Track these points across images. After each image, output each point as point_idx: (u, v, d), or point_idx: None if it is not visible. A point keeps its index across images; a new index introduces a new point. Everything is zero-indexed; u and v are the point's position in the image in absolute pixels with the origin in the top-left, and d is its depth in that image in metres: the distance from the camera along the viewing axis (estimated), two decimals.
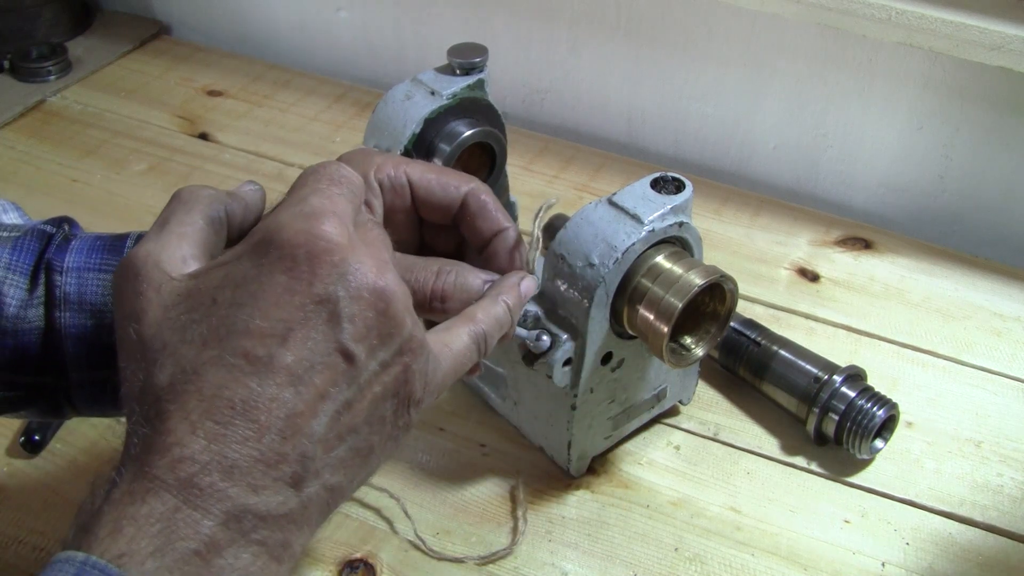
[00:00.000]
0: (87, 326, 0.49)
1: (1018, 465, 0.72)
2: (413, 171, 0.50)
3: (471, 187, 0.51)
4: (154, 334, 0.38)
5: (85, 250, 0.51)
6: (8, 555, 0.64)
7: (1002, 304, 0.86)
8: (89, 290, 0.49)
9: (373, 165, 0.50)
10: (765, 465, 0.72)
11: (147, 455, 0.36)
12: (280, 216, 0.39)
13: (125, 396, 0.39)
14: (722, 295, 0.63)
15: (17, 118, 1.07)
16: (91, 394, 0.51)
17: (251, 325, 0.37)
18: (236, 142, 1.04)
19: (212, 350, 0.37)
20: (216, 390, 0.36)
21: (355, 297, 0.38)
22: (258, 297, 0.37)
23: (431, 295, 0.46)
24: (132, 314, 0.39)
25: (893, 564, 0.65)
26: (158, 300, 0.39)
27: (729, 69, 0.98)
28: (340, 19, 1.16)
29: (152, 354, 0.38)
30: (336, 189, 0.41)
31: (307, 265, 0.38)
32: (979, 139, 0.91)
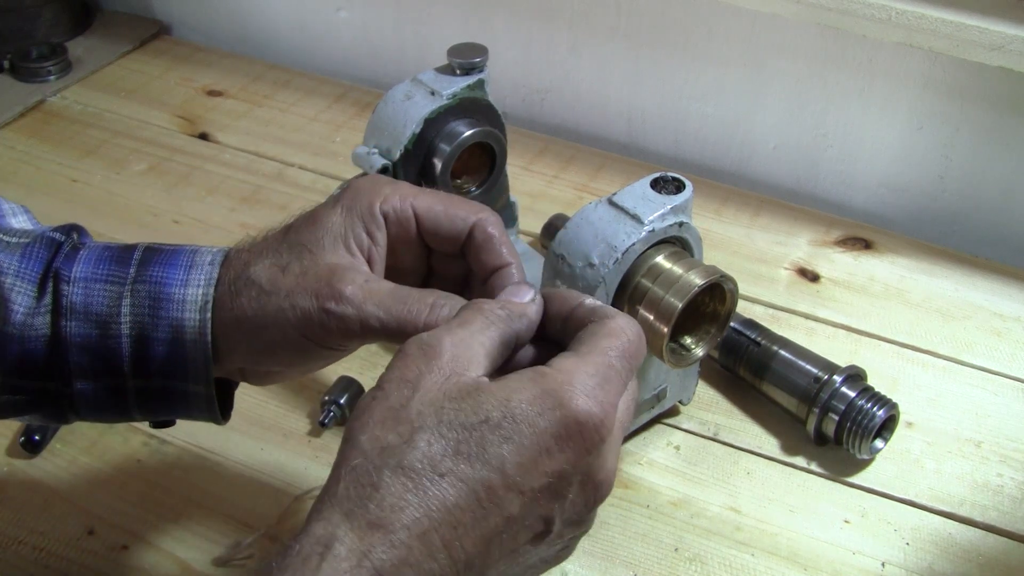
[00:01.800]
0: (92, 335, 0.50)
1: (1018, 465, 0.72)
2: (420, 203, 0.51)
3: (478, 218, 0.51)
4: (421, 412, 0.40)
5: (93, 260, 0.51)
6: (8, 555, 0.64)
7: (1002, 304, 0.86)
8: (95, 301, 0.50)
9: (380, 196, 0.51)
10: (765, 465, 0.72)
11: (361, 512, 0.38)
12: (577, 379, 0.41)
13: (352, 436, 0.41)
14: (722, 295, 0.63)
15: (17, 118, 1.07)
16: (94, 402, 0.51)
17: (505, 466, 0.39)
18: (236, 142, 1.04)
19: (462, 463, 0.39)
20: (447, 505, 0.39)
21: (586, 485, 0.42)
22: (523, 446, 0.40)
23: (423, 327, 0.46)
24: (412, 381, 0.41)
25: (893, 564, 0.65)
26: (441, 385, 0.41)
27: (729, 69, 0.98)
28: (340, 19, 1.16)
29: (409, 427, 0.39)
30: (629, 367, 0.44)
31: (574, 447, 0.41)
32: (979, 139, 0.91)
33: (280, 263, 0.49)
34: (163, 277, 0.50)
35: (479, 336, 0.43)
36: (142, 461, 0.70)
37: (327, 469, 0.70)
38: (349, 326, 0.47)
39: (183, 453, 0.71)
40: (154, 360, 0.50)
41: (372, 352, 0.78)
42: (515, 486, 0.40)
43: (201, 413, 0.53)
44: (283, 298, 0.48)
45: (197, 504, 0.67)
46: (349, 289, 0.47)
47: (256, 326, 0.49)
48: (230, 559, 0.64)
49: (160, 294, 0.50)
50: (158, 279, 0.50)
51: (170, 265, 0.51)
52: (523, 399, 0.40)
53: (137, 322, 0.50)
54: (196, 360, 0.50)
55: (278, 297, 0.48)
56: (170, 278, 0.50)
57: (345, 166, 0.96)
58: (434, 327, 0.46)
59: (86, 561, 0.64)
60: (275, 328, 0.48)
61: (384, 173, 0.73)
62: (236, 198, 0.96)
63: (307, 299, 0.48)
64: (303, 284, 0.48)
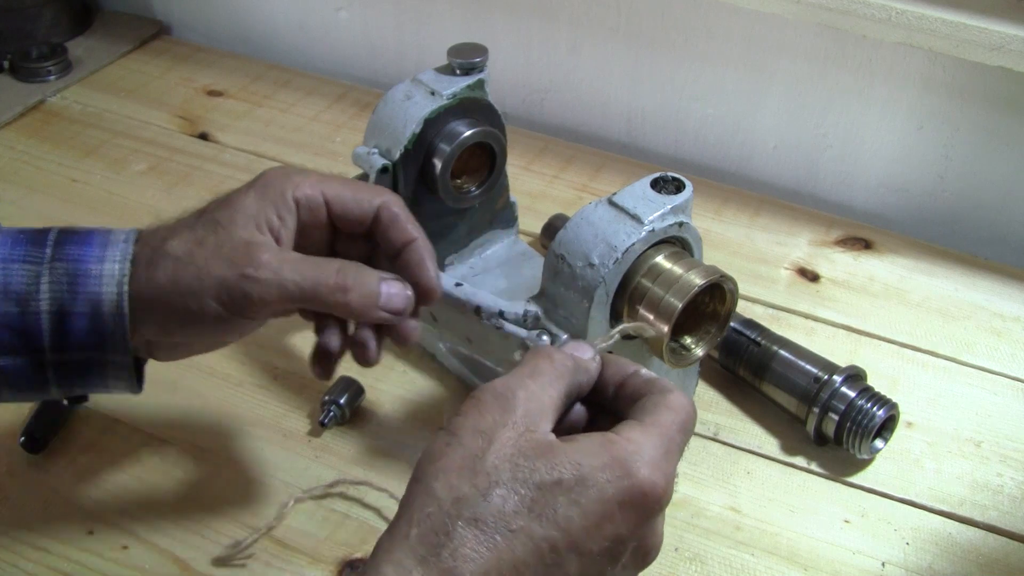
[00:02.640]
0: (12, 313, 0.52)
1: (1018, 465, 0.72)
2: (329, 189, 0.56)
3: (383, 200, 0.56)
4: (497, 466, 0.41)
5: (9, 243, 0.53)
6: (8, 555, 0.64)
7: (1002, 304, 0.86)
8: (14, 280, 0.52)
9: (292, 184, 0.55)
10: (765, 465, 0.72)
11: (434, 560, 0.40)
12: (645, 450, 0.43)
13: (425, 479, 0.43)
14: (722, 295, 0.63)
15: (17, 118, 1.07)
16: (15, 378, 0.54)
17: (571, 527, 0.41)
18: (236, 142, 1.04)
19: (533, 522, 0.41)
20: (515, 561, 0.40)
21: (638, 550, 0.44)
22: (590, 511, 0.41)
23: (333, 286, 0.52)
24: (487, 432, 0.42)
25: (893, 564, 0.65)
26: (516, 440, 0.42)
27: (729, 69, 0.98)
28: (340, 19, 1.16)
29: (485, 480, 0.41)
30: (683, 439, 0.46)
31: (635, 514, 0.42)
32: (979, 139, 0.91)
33: (196, 237, 0.53)
34: (80, 255, 0.53)
35: (549, 389, 0.45)
36: (142, 461, 0.70)
37: (327, 469, 0.70)
38: (267, 290, 0.52)
39: (183, 453, 0.71)
40: (73, 334, 0.53)
41: None
42: (577, 547, 0.41)
43: (119, 382, 0.56)
44: (200, 268, 0.52)
45: (197, 504, 0.67)
46: (265, 256, 0.52)
47: (172, 296, 0.52)
48: (230, 559, 0.64)
49: (78, 271, 0.52)
50: (75, 256, 0.53)
51: (86, 244, 0.53)
52: (594, 464, 0.42)
53: (56, 299, 0.52)
54: (115, 332, 0.53)
55: (195, 267, 0.52)
56: (87, 255, 0.53)
57: (345, 166, 0.95)
58: (342, 286, 0.52)
59: (86, 561, 0.64)
60: (191, 297, 0.52)
61: (384, 173, 0.73)
62: None
63: (225, 267, 0.52)
64: (220, 254, 0.52)
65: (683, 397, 0.46)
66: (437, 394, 0.76)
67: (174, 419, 0.73)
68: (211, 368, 0.77)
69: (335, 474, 0.69)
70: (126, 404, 0.74)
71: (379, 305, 0.53)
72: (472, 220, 0.82)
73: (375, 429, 0.73)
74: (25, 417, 0.71)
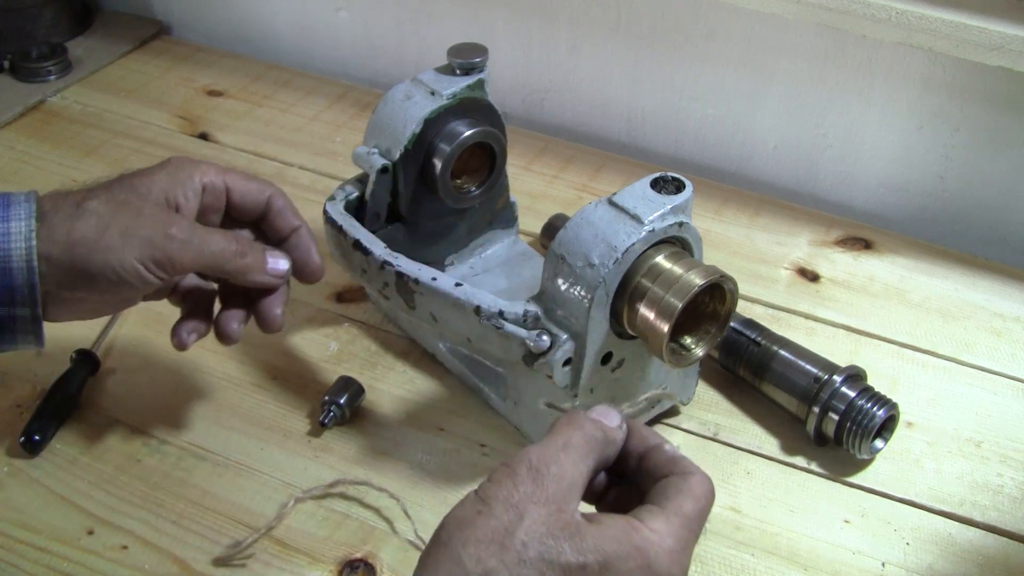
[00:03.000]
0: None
1: (1018, 465, 0.72)
2: (230, 177, 0.63)
3: (273, 190, 0.65)
4: (526, 543, 0.42)
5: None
6: (8, 555, 0.64)
7: (1002, 304, 0.86)
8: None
9: (199, 169, 0.62)
10: (765, 465, 0.72)
11: None
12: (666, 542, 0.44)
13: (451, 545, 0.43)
14: (722, 295, 0.63)
15: (17, 118, 1.07)
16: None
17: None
18: (236, 142, 1.04)
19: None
20: None
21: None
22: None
23: (235, 251, 0.61)
24: (519, 507, 0.43)
25: (893, 564, 0.65)
26: (546, 519, 0.43)
27: (729, 69, 0.98)
28: (340, 19, 1.16)
29: (514, 557, 0.42)
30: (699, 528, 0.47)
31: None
32: (979, 139, 0.91)
33: (116, 199, 0.58)
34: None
35: (580, 465, 0.46)
36: (142, 461, 0.70)
37: (327, 469, 0.70)
38: (186, 252, 0.58)
39: (183, 453, 0.71)
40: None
41: (372, 352, 0.78)
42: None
43: (26, 336, 0.58)
44: (125, 225, 0.57)
45: (197, 504, 0.67)
46: (185, 223, 0.59)
47: (92, 250, 0.56)
48: (230, 559, 0.64)
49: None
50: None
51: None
52: (618, 553, 0.43)
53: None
54: (23, 285, 0.56)
55: (120, 223, 0.57)
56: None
57: (345, 166, 0.96)
58: (243, 252, 0.61)
59: (86, 561, 0.64)
60: (113, 252, 0.56)
61: (384, 173, 0.73)
62: None
63: (150, 227, 0.58)
64: (142, 215, 0.58)
65: (705, 481, 0.47)
66: (437, 394, 0.76)
67: (174, 419, 0.73)
68: (211, 368, 0.77)
69: (335, 474, 0.69)
70: (126, 404, 0.74)
71: (267, 270, 0.63)
72: (472, 220, 0.82)
73: (375, 429, 0.73)
74: (25, 417, 0.71)
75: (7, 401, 0.74)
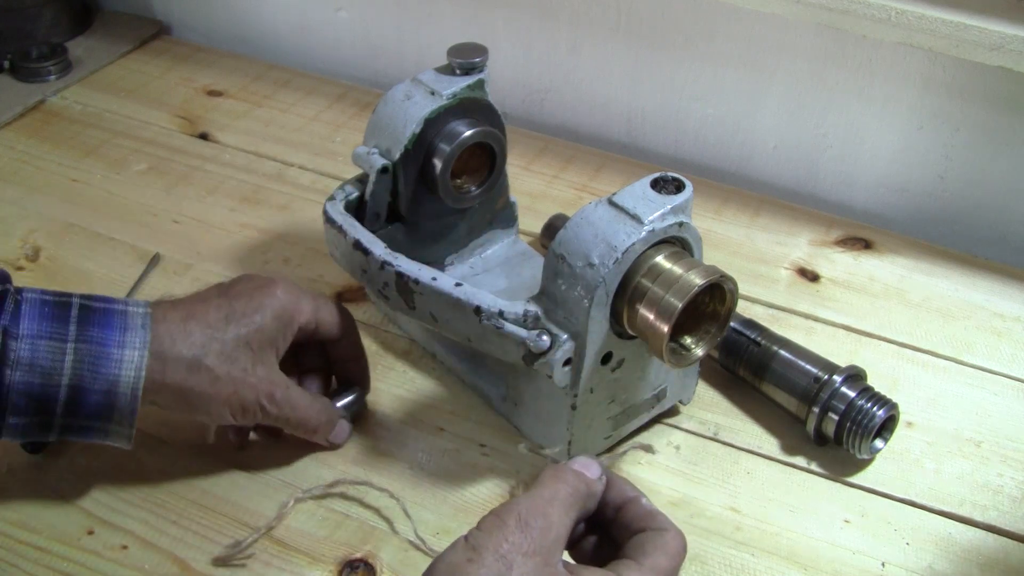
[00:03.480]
0: (34, 384, 0.58)
1: (1018, 465, 0.72)
2: (322, 316, 0.69)
3: (348, 323, 0.71)
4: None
5: (36, 318, 0.59)
6: (8, 555, 0.64)
7: (1002, 304, 0.86)
8: (40, 356, 0.58)
9: (299, 312, 0.67)
10: (765, 465, 0.72)
11: None
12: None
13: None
14: (722, 295, 0.63)
15: (17, 118, 1.07)
16: (20, 433, 0.60)
17: None
18: (236, 142, 1.04)
19: None
20: None
21: None
22: None
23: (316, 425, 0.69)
24: (508, 558, 0.45)
25: (893, 564, 0.65)
26: (534, 571, 0.45)
27: (729, 69, 0.98)
28: (340, 19, 1.16)
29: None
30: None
31: None
32: (979, 139, 0.91)
33: (225, 351, 0.62)
34: (102, 338, 0.59)
35: (565, 518, 0.48)
36: (142, 461, 0.70)
37: (327, 469, 0.71)
38: (270, 417, 0.65)
39: (183, 453, 0.71)
40: (86, 407, 0.59)
41: (372, 352, 0.78)
42: None
43: (119, 441, 0.62)
44: (231, 391, 0.62)
45: (197, 504, 0.67)
46: (279, 394, 0.65)
47: (199, 401, 0.62)
48: (230, 559, 0.64)
49: (100, 353, 0.59)
50: (98, 339, 0.59)
51: (107, 327, 0.60)
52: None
53: (76, 374, 0.58)
54: (125, 409, 0.60)
55: (227, 389, 0.62)
56: (108, 339, 0.59)
57: (345, 166, 0.96)
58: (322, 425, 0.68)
59: (86, 561, 0.64)
60: (215, 406, 0.63)
61: (384, 173, 0.73)
62: (236, 198, 0.96)
63: (251, 395, 0.63)
64: (247, 382, 0.63)
65: (679, 537, 0.50)
66: (437, 394, 0.76)
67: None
68: None
69: (335, 474, 0.69)
70: None
71: (329, 437, 0.69)
72: (472, 220, 0.82)
73: (375, 429, 0.73)
74: None
75: None
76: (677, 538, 0.49)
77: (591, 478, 0.50)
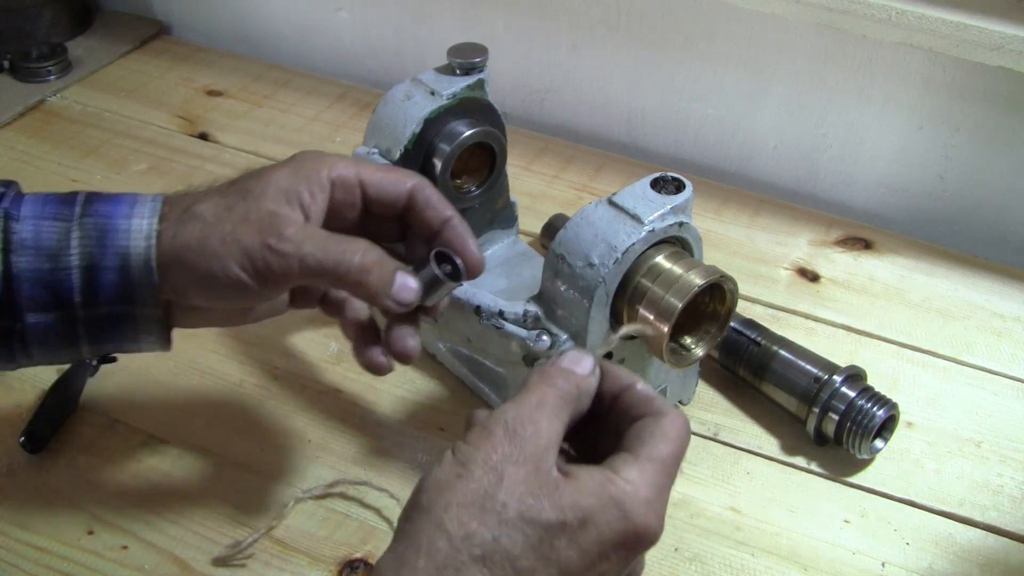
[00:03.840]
0: (43, 269, 0.53)
1: (1018, 465, 0.72)
2: (364, 170, 0.56)
3: (415, 182, 0.57)
4: (506, 504, 0.42)
5: (40, 202, 0.54)
6: (8, 555, 0.64)
7: (1002, 304, 0.86)
8: (45, 236, 0.53)
9: (327, 164, 0.55)
10: (765, 465, 0.72)
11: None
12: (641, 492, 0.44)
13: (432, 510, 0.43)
14: (722, 295, 0.63)
15: (17, 118, 1.07)
16: (44, 336, 0.54)
17: (570, 567, 0.42)
18: (236, 142, 1.04)
19: (538, 562, 0.42)
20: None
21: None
22: (589, 551, 0.43)
23: (357, 267, 0.52)
24: (498, 468, 0.43)
25: (893, 564, 0.65)
26: (525, 479, 0.43)
27: (729, 69, 0.98)
28: (340, 19, 1.16)
29: (495, 519, 0.42)
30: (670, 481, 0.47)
31: (628, 552, 0.44)
32: (979, 139, 0.91)
33: (226, 203, 0.53)
34: (109, 211, 0.54)
35: (555, 422, 0.46)
36: (142, 461, 0.70)
37: (327, 469, 0.70)
38: (288, 264, 0.52)
39: (183, 453, 0.71)
40: (103, 288, 0.53)
41: None
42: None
43: (150, 336, 0.56)
44: (227, 233, 0.52)
45: (197, 504, 0.67)
46: (290, 230, 0.52)
47: (198, 256, 0.53)
48: (230, 559, 0.64)
49: (107, 226, 0.53)
50: (104, 213, 0.54)
51: (115, 202, 0.54)
52: (595, 507, 0.43)
53: (86, 253, 0.53)
54: (143, 285, 0.53)
55: (221, 231, 0.52)
56: (116, 212, 0.54)
57: None
58: (366, 267, 0.52)
59: (86, 561, 0.64)
60: (215, 260, 0.52)
61: None
62: None
63: (251, 235, 0.52)
64: (247, 221, 0.52)
65: (678, 420, 0.47)
66: (437, 394, 0.76)
67: (174, 419, 0.73)
68: (211, 368, 0.77)
69: (335, 474, 0.69)
70: (126, 404, 0.74)
71: (391, 293, 0.53)
72: (472, 220, 0.82)
73: (375, 429, 0.73)
74: (25, 417, 0.71)
75: (7, 401, 0.74)
76: (676, 421, 0.47)
77: (581, 375, 0.48)
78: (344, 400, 0.75)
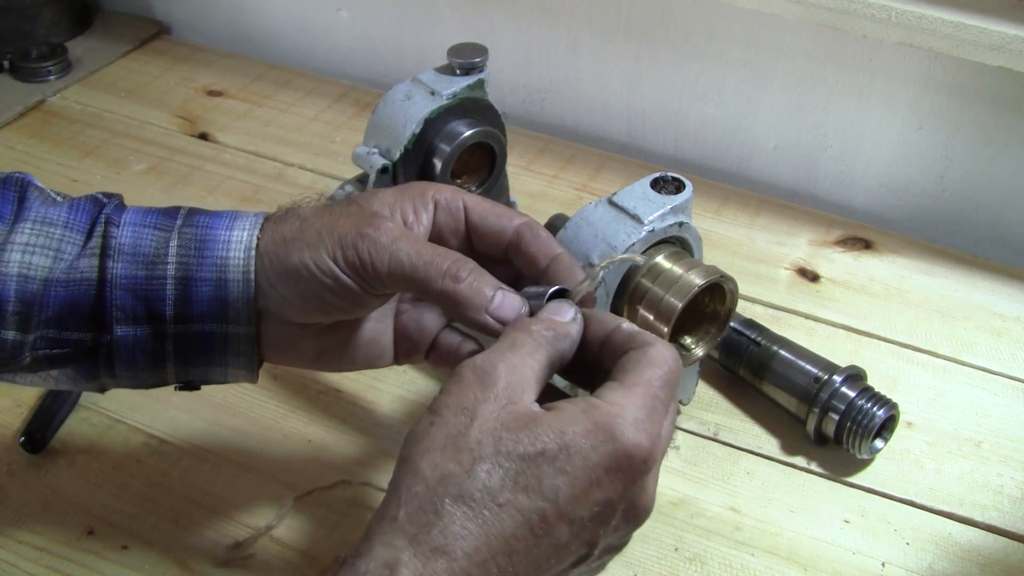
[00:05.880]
0: (138, 277, 0.51)
1: (1018, 465, 0.72)
2: (469, 199, 0.54)
3: (525, 220, 0.54)
4: (480, 441, 0.42)
5: (141, 212, 0.53)
6: (8, 555, 0.64)
7: (1002, 304, 0.86)
8: (144, 243, 0.52)
9: (433, 187, 0.54)
10: (765, 465, 0.72)
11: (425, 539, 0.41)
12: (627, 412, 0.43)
13: (411, 460, 0.43)
14: (722, 295, 0.63)
15: (17, 118, 1.07)
16: (131, 352, 0.52)
17: (559, 497, 0.41)
18: (236, 142, 1.04)
19: (520, 494, 0.41)
20: (504, 535, 0.41)
21: (628, 511, 0.45)
22: (577, 478, 0.42)
23: (445, 272, 0.49)
24: (470, 409, 0.43)
25: (893, 564, 0.65)
26: (498, 414, 0.42)
27: (729, 69, 0.98)
28: (340, 19, 1.16)
29: (469, 457, 0.41)
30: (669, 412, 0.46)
31: (622, 477, 0.43)
32: (979, 139, 0.91)
33: (329, 208, 0.52)
34: (209, 222, 0.53)
35: (529, 361, 0.45)
36: (142, 461, 0.70)
37: (327, 469, 0.70)
38: (380, 256, 0.49)
39: (183, 453, 0.71)
40: (196, 302, 0.51)
41: None
42: (566, 516, 0.42)
43: (239, 360, 0.53)
44: (324, 224, 0.50)
45: (197, 504, 0.67)
46: (387, 225, 0.50)
47: (291, 248, 0.51)
48: (230, 559, 0.64)
49: (207, 236, 0.52)
50: (205, 224, 0.53)
51: (216, 216, 0.53)
52: (577, 432, 0.42)
53: (183, 263, 0.51)
54: (238, 300, 0.51)
55: (320, 223, 0.51)
56: (216, 223, 0.53)
57: (345, 166, 0.96)
58: (458, 275, 0.49)
59: (86, 561, 0.64)
60: (308, 249, 0.50)
61: (384, 173, 0.73)
62: (236, 198, 0.96)
63: (347, 225, 0.50)
64: (347, 216, 0.51)
65: (663, 349, 0.46)
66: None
67: (174, 419, 0.73)
68: None
69: (335, 474, 0.69)
70: (126, 404, 0.74)
71: (489, 308, 0.49)
72: None
73: (375, 429, 0.73)
74: (25, 417, 0.71)
75: (7, 400, 0.74)
76: (662, 350, 0.46)
77: (561, 321, 0.47)
78: (344, 400, 0.75)
